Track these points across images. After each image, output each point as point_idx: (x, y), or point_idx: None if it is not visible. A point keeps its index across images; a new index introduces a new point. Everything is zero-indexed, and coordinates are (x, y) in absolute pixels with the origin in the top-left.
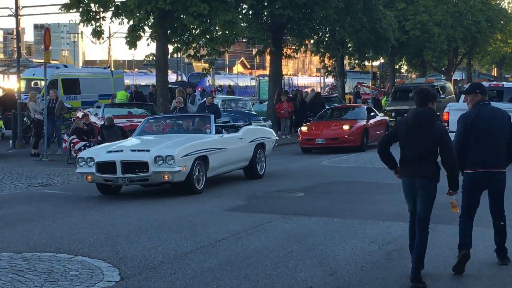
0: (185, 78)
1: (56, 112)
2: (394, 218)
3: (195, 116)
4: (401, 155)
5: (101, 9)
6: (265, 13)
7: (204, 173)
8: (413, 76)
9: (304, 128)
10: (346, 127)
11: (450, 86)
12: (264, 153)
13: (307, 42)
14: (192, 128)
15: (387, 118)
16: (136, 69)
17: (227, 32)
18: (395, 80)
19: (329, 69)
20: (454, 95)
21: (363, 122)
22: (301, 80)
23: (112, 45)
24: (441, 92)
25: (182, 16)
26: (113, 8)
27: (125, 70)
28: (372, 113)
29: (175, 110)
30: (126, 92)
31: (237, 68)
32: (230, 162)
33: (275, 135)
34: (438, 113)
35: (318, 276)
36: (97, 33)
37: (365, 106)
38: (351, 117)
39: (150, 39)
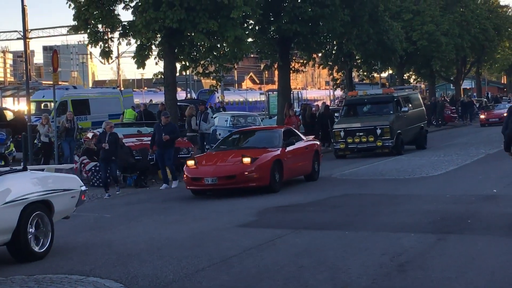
0: (194, 96)
1: (76, 133)
2: (405, 229)
3: None
4: None
5: (109, 30)
6: (272, 28)
7: None
8: (422, 86)
9: (190, 162)
10: (247, 159)
11: (418, 97)
12: (48, 219)
13: (315, 55)
14: None
15: (317, 142)
16: (145, 88)
17: (234, 48)
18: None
19: (338, 82)
20: (423, 107)
21: (276, 152)
22: (311, 94)
23: (121, 64)
24: (402, 104)
25: (190, 34)
26: (120, 29)
27: (134, 89)
28: (293, 137)
29: (105, 136)
30: (134, 111)
31: (246, 83)
32: None
33: (81, 184)
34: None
35: None
36: (106, 54)
37: (282, 129)
38: (260, 144)
39: (157, 57)
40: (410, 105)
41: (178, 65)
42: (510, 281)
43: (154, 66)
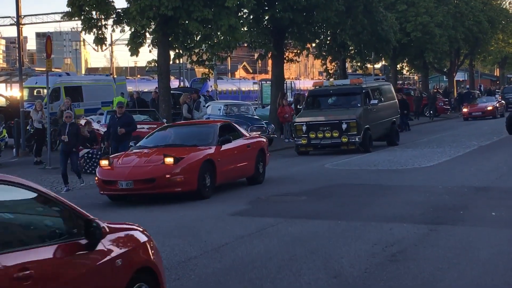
0: (187, 84)
1: (74, 119)
2: (397, 220)
3: None
4: None
5: (103, 17)
6: (266, 17)
7: None
8: (416, 77)
9: (104, 162)
10: (169, 160)
11: (390, 88)
12: None
13: (309, 45)
14: None
15: (263, 139)
16: (138, 76)
17: (228, 37)
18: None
19: (331, 72)
20: (396, 100)
21: (208, 150)
22: (304, 84)
23: (114, 52)
24: (372, 97)
25: (184, 22)
26: (114, 16)
27: (127, 77)
28: (231, 133)
29: (65, 127)
30: (123, 98)
31: (240, 72)
32: None
33: None
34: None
35: (322, 279)
36: (99, 41)
37: (219, 124)
38: (190, 141)
39: (151, 45)
40: (381, 98)
41: (172, 53)
42: (502, 272)
43: (147, 54)
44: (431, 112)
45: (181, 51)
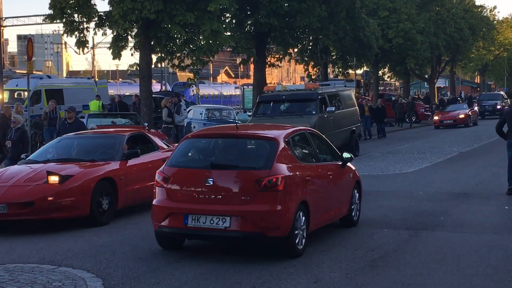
0: (169, 88)
1: (58, 122)
2: (378, 225)
3: None
4: (508, 129)
5: (85, 20)
6: (249, 22)
7: None
8: (397, 84)
9: None
10: (54, 178)
11: (351, 95)
12: None
13: (291, 50)
14: None
15: None
16: (120, 79)
17: (211, 41)
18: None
19: (313, 77)
20: (356, 107)
21: (108, 166)
22: None
23: (96, 55)
24: (328, 103)
25: (167, 25)
26: (96, 19)
27: (109, 80)
28: (146, 145)
29: (11, 133)
30: (98, 101)
31: (222, 77)
32: None
33: None
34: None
35: (302, 284)
36: (81, 43)
37: (127, 134)
38: (89, 155)
39: (133, 49)
40: (339, 105)
41: (154, 57)
42: (481, 278)
43: (129, 57)
44: (410, 118)
45: (163, 55)
